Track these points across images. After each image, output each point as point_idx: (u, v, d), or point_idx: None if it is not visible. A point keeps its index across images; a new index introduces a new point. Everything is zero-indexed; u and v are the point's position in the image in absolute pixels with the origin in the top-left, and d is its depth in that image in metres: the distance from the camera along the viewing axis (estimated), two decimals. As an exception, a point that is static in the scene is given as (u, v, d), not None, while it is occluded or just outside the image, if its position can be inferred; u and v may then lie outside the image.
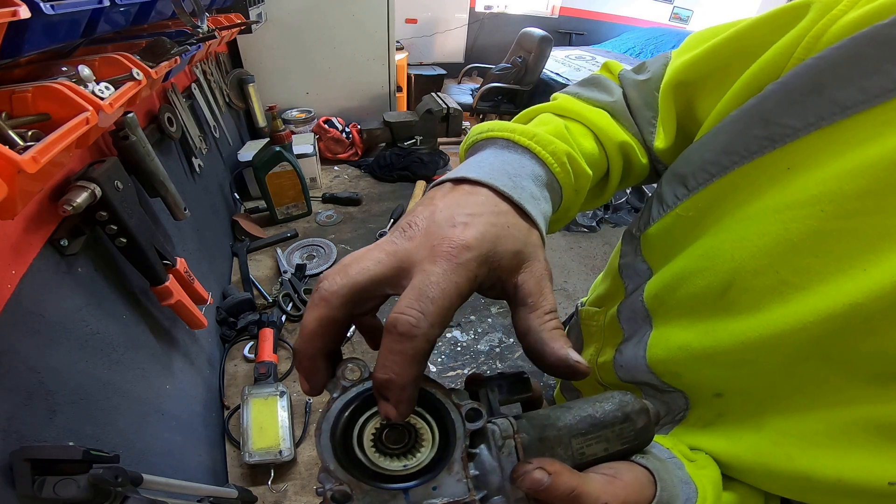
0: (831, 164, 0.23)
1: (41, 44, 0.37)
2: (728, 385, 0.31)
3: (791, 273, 0.25)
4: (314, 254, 1.05)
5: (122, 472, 0.34)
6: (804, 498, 0.27)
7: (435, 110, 1.44)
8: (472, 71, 3.95)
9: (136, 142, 0.52)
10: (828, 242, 0.23)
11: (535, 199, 0.28)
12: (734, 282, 0.28)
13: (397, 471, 0.22)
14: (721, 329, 0.29)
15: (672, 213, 0.35)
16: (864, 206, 0.22)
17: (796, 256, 0.24)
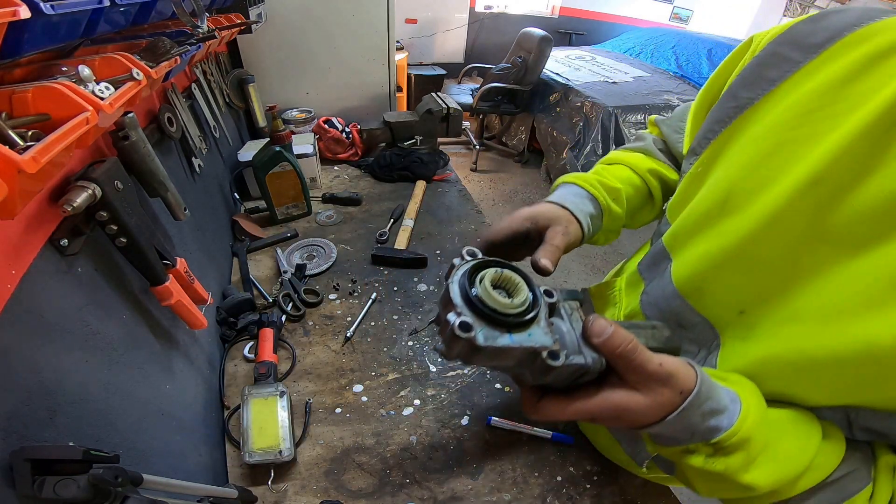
0: (772, 112, 0.39)
1: (41, 44, 0.37)
2: (744, 293, 0.40)
3: (765, 173, 0.38)
4: (314, 254, 1.05)
5: (122, 472, 0.34)
6: (839, 378, 0.33)
7: (435, 110, 1.44)
8: (472, 71, 3.95)
9: (136, 142, 0.52)
10: (780, 151, 0.37)
11: (575, 204, 0.51)
12: (730, 191, 0.40)
13: (504, 309, 0.29)
14: (727, 228, 0.40)
15: (687, 176, 0.48)
16: (792, 129, 0.37)
17: (764, 163, 0.38)
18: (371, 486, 0.62)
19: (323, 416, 0.71)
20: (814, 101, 0.36)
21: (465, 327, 0.28)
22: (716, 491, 0.38)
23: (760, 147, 0.39)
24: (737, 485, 0.35)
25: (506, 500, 0.61)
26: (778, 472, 0.35)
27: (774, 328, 0.37)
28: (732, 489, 0.36)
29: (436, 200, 1.30)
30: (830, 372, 0.33)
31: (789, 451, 0.35)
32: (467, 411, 0.72)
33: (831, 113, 0.34)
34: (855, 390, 0.33)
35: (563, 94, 3.06)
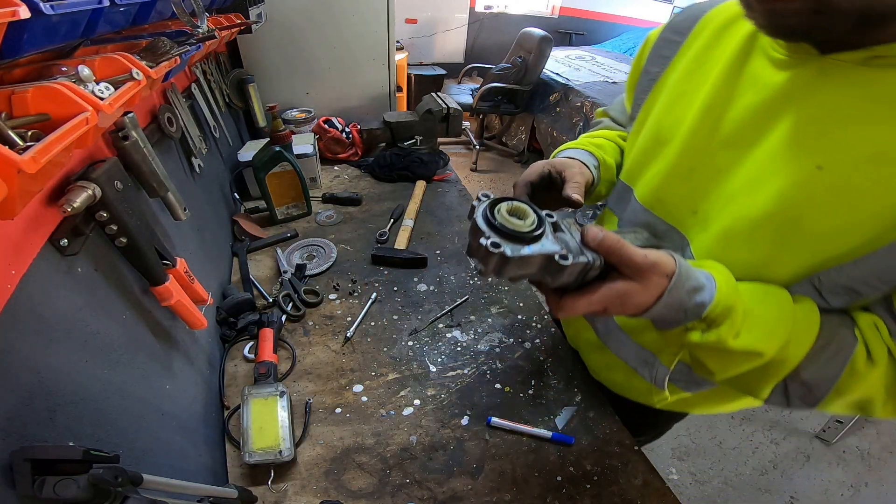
0: (672, 77, 0.58)
1: (41, 44, 0.37)
2: (690, 196, 0.52)
3: (677, 112, 0.55)
4: (314, 254, 1.05)
5: (122, 472, 0.34)
6: (773, 234, 0.44)
7: (435, 110, 1.44)
8: (472, 71, 3.95)
9: (135, 142, 0.52)
10: (681, 98, 0.55)
11: (580, 155, 0.64)
12: (658, 130, 0.57)
13: (520, 229, 0.38)
14: (663, 154, 0.55)
15: (631, 133, 0.65)
16: (685, 83, 0.56)
17: (674, 108, 0.56)
18: (371, 486, 0.62)
19: (323, 416, 0.71)
20: (693, 64, 0.56)
21: (495, 245, 0.36)
22: (727, 367, 0.45)
23: (670, 99, 0.57)
24: (736, 354, 0.43)
25: (506, 500, 0.61)
26: (765, 333, 0.42)
27: (719, 212, 0.49)
28: (738, 360, 0.44)
29: (436, 200, 1.30)
30: (764, 229, 0.44)
31: (768, 313, 0.43)
32: (467, 411, 0.72)
33: (704, 69, 0.53)
34: (789, 244, 0.43)
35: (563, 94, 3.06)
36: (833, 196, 0.40)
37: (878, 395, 0.43)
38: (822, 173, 0.40)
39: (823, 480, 1.54)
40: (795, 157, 0.42)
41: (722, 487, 1.50)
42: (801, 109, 0.42)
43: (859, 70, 0.39)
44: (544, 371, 0.79)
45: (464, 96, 3.49)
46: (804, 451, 1.63)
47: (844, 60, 0.39)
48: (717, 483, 1.51)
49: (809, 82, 0.42)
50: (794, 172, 0.42)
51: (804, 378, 0.44)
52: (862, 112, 0.39)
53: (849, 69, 0.39)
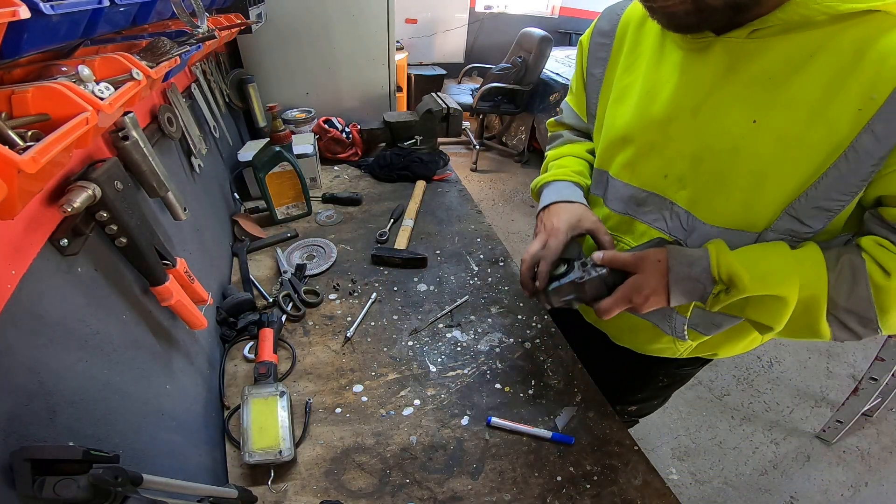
0: (611, 76, 0.69)
1: (41, 44, 0.37)
2: (655, 164, 0.62)
3: (625, 102, 0.65)
4: (314, 254, 1.05)
5: (122, 472, 0.34)
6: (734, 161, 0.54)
7: (435, 110, 1.44)
8: (472, 71, 3.95)
9: (135, 142, 0.52)
10: (624, 92, 0.66)
11: (577, 195, 0.73)
12: (614, 117, 0.68)
13: (554, 274, 0.64)
14: (625, 136, 0.65)
15: (595, 128, 0.76)
16: (624, 79, 0.66)
17: (620, 100, 0.66)
18: (371, 486, 0.62)
19: (323, 416, 0.71)
20: (626, 61, 0.65)
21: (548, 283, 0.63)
22: (773, 316, 0.53)
23: (616, 94, 0.67)
24: (767, 301, 0.52)
25: (506, 500, 0.61)
26: (778, 278, 0.50)
27: (685, 161, 0.58)
28: (772, 308, 0.52)
29: (436, 200, 1.30)
30: (730, 175, 0.54)
31: (772, 262, 0.52)
32: (467, 411, 0.72)
33: (636, 65, 0.64)
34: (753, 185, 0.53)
35: (563, 94, 3.06)
36: (774, 142, 0.50)
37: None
38: (758, 126, 0.50)
39: (823, 480, 1.54)
40: (735, 118, 0.52)
41: (722, 487, 1.50)
42: (724, 81, 0.52)
43: (749, 43, 0.49)
44: (544, 371, 0.79)
45: (464, 96, 3.49)
46: (804, 451, 1.63)
47: (735, 37, 0.50)
48: (717, 483, 1.51)
49: (720, 58, 0.52)
50: (739, 128, 0.52)
51: (844, 306, 0.50)
52: (765, 75, 0.49)
53: (742, 43, 0.50)
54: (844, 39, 0.45)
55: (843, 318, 0.51)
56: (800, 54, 0.47)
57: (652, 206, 0.65)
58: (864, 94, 0.44)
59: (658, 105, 0.59)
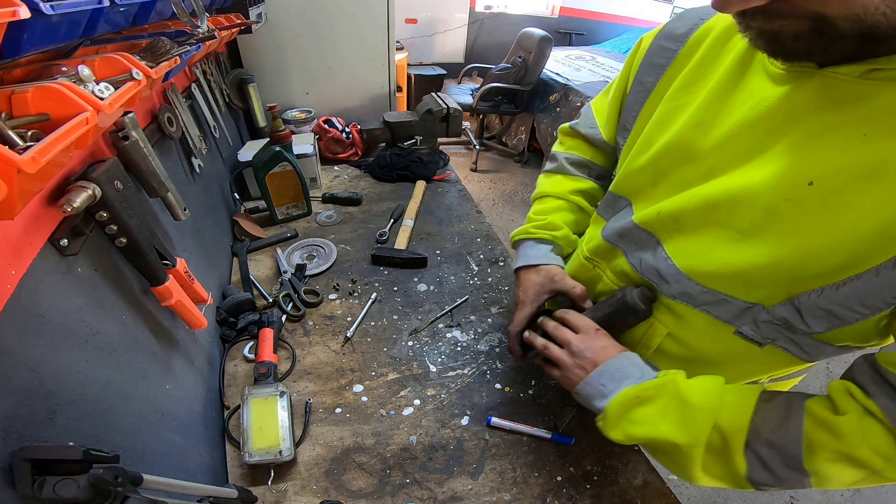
0: (666, 88, 0.57)
1: (41, 44, 0.37)
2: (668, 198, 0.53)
3: (664, 125, 0.55)
4: (314, 254, 1.05)
5: (122, 472, 0.34)
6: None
7: (435, 110, 1.44)
8: (472, 71, 3.95)
9: (135, 142, 0.52)
10: (670, 114, 0.55)
11: (542, 255, 0.71)
12: (651, 140, 0.57)
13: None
14: (659, 167, 0.55)
15: (626, 143, 0.64)
16: (677, 99, 0.54)
17: (663, 121, 0.55)
18: (371, 486, 0.62)
19: (323, 416, 0.71)
20: (690, 76, 0.54)
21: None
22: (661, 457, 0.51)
23: (659, 115, 0.57)
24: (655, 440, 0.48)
25: (506, 500, 0.61)
26: (699, 416, 0.47)
27: (695, 201, 0.49)
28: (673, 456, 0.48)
29: (436, 200, 1.30)
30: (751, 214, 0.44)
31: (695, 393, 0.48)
32: (467, 411, 0.72)
33: (701, 83, 0.52)
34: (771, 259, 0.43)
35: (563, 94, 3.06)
36: (822, 212, 0.39)
37: (863, 452, 0.40)
38: (812, 189, 0.39)
39: (823, 480, 1.54)
40: (788, 172, 0.41)
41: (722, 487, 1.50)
42: (798, 126, 0.41)
43: (858, 84, 0.37)
44: (544, 371, 0.79)
45: (464, 96, 3.49)
46: (804, 451, 1.63)
47: (843, 73, 0.38)
48: (717, 483, 1.51)
49: (809, 98, 0.40)
50: (785, 187, 0.41)
51: (768, 437, 0.44)
52: (859, 129, 0.37)
53: (848, 83, 0.38)
54: None
55: (762, 453, 0.44)
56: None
57: (634, 240, 0.57)
58: None
59: (708, 139, 0.48)
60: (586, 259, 0.67)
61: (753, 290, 0.45)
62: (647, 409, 0.49)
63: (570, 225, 0.75)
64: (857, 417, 0.40)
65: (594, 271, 0.66)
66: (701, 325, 0.52)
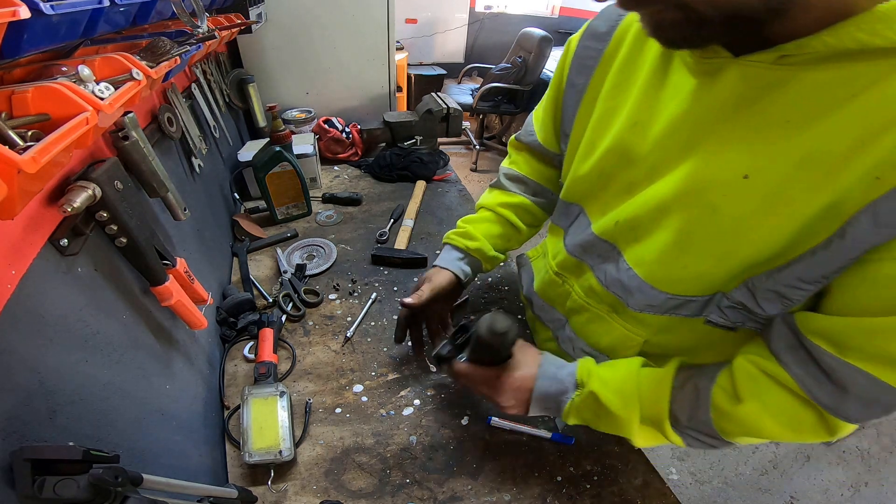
0: (598, 88, 0.56)
1: (41, 44, 0.37)
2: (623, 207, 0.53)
3: (603, 128, 0.55)
4: (314, 254, 1.05)
5: (122, 472, 0.34)
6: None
7: (435, 110, 1.44)
8: (472, 71, 3.95)
9: (135, 142, 0.52)
10: (607, 114, 0.54)
11: (450, 262, 0.77)
12: (593, 143, 0.57)
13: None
14: (605, 171, 0.55)
15: (569, 147, 0.63)
16: (611, 99, 0.54)
17: (601, 124, 0.55)
18: (371, 486, 0.62)
19: (323, 416, 0.71)
20: (617, 77, 0.53)
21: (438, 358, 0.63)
22: (612, 426, 0.54)
23: (597, 117, 0.56)
24: (609, 414, 0.52)
25: (506, 500, 0.61)
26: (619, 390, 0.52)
27: (647, 209, 0.49)
28: (615, 421, 0.52)
29: (436, 200, 1.30)
30: (696, 240, 0.45)
31: (620, 371, 0.54)
32: (467, 411, 0.72)
33: (628, 84, 0.52)
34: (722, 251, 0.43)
35: (563, 94, 3.06)
36: (761, 203, 0.39)
37: (767, 429, 0.45)
38: (748, 182, 0.40)
39: (823, 480, 1.54)
40: (725, 168, 0.41)
41: (722, 487, 1.50)
42: (725, 119, 0.41)
43: (773, 71, 0.37)
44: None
45: (464, 96, 3.49)
46: (804, 451, 1.63)
47: (758, 61, 0.37)
48: (717, 483, 1.51)
49: (731, 89, 0.40)
50: (720, 183, 0.41)
51: (687, 424, 0.49)
52: (781, 116, 0.37)
53: (764, 70, 0.37)
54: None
55: (689, 433, 0.49)
56: (839, 94, 0.34)
57: (598, 252, 0.57)
58: (893, 158, 0.33)
59: (645, 140, 0.48)
60: (555, 274, 0.67)
61: (711, 285, 0.46)
62: (583, 415, 0.55)
63: (492, 237, 0.78)
64: (756, 404, 0.44)
65: (564, 287, 0.65)
66: (672, 326, 0.53)
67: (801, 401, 0.42)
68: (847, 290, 0.38)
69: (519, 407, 0.58)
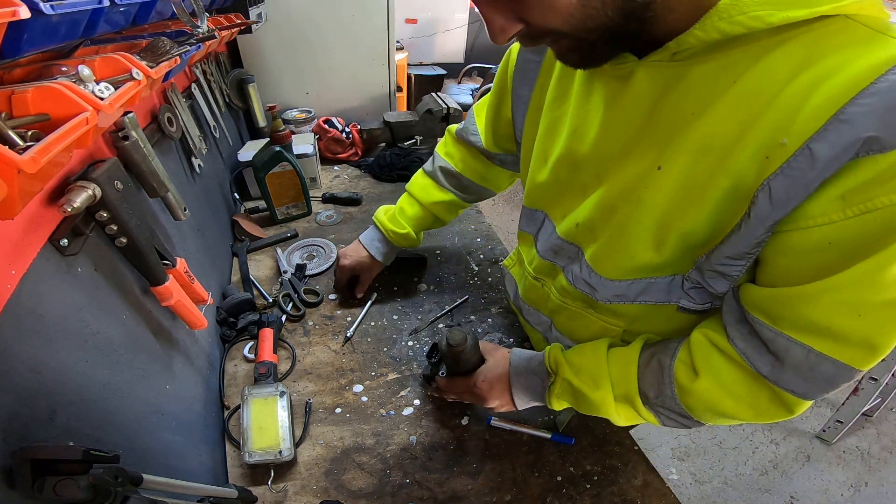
0: (541, 98, 0.58)
1: (41, 44, 0.37)
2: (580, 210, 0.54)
3: (552, 138, 0.57)
4: (314, 254, 1.05)
5: (122, 472, 0.34)
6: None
7: (435, 110, 1.44)
8: (472, 71, 3.95)
9: (135, 142, 0.52)
10: (554, 125, 0.56)
11: (373, 244, 0.90)
12: (545, 153, 0.59)
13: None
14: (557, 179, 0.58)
15: (522, 155, 0.67)
16: (555, 110, 0.56)
17: (549, 134, 0.58)
18: (371, 486, 0.62)
19: (323, 416, 0.71)
20: (558, 89, 0.55)
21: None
22: (590, 408, 0.56)
23: (545, 127, 0.58)
24: (585, 396, 0.55)
25: (506, 500, 0.61)
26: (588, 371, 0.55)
27: (598, 210, 0.51)
28: (591, 402, 0.54)
29: (436, 200, 1.30)
30: (630, 207, 0.46)
31: (587, 355, 0.56)
32: (467, 411, 0.72)
33: (567, 95, 0.54)
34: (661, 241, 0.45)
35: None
36: (675, 191, 0.42)
37: (726, 405, 0.46)
38: (662, 173, 0.42)
39: (823, 480, 1.54)
40: (642, 161, 0.44)
41: (722, 487, 1.50)
42: (639, 115, 0.44)
43: (672, 67, 0.39)
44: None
45: (464, 96, 3.49)
46: (804, 451, 1.63)
47: (657, 61, 0.40)
48: (717, 483, 1.51)
49: (643, 88, 0.42)
50: (641, 174, 0.44)
51: (654, 401, 0.51)
52: (688, 109, 0.39)
53: (665, 68, 0.40)
54: (778, 59, 0.34)
55: (660, 411, 0.51)
56: (723, 81, 0.37)
57: (566, 254, 0.59)
58: (776, 136, 0.34)
59: (585, 145, 0.50)
60: (534, 279, 0.69)
61: (664, 267, 0.48)
62: (564, 400, 0.58)
63: (417, 226, 0.87)
64: (711, 379, 0.46)
65: (543, 290, 0.67)
66: (645, 313, 0.54)
67: (751, 376, 0.44)
68: (769, 263, 0.40)
69: (507, 405, 0.62)
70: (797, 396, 0.42)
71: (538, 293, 0.68)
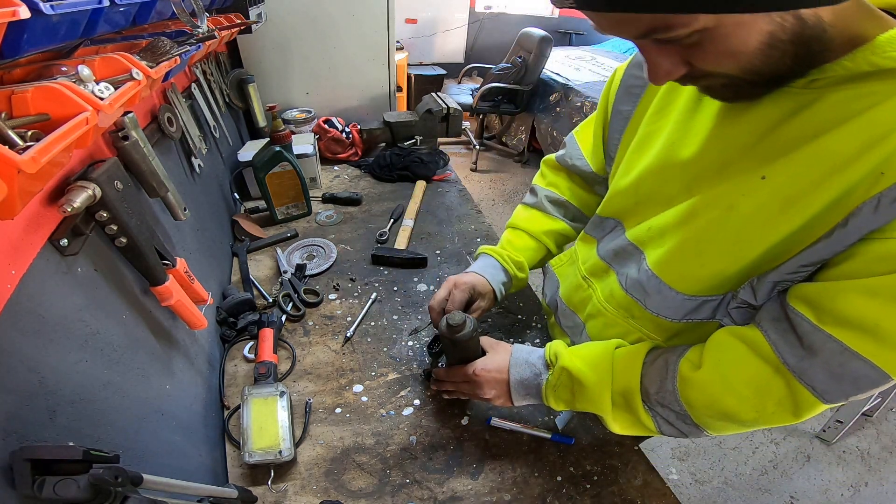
0: (642, 114, 0.59)
1: (41, 44, 0.37)
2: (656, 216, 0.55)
3: (644, 149, 0.58)
4: (314, 254, 1.05)
5: (122, 472, 0.34)
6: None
7: (435, 110, 1.44)
8: (472, 71, 3.95)
9: (135, 142, 0.52)
10: (649, 136, 0.57)
11: (493, 276, 0.76)
12: (630, 167, 0.60)
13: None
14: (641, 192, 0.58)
15: (613, 170, 0.66)
16: (652, 123, 0.57)
17: (643, 144, 0.58)
18: (371, 486, 0.62)
19: (323, 416, 0.71)
20: (660, 103, 0.56)
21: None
22: (587, 402, 0.57)
23: (637, 141, 0.59)
24: (584, 390, 0.56)
25: (506, 500, 0.61)
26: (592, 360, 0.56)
27: (677, 214, 0.51)
28: (590, 395, 0.56)
29: (436, 200, 1.30)
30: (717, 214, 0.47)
31: (591, 347, 0.58)
32: (467, 411, 0.72)
33: (668, 110, 0.55)
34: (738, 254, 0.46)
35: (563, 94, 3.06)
36: (773, 200, 0.42)
37: (725, 402, 0.47)
38: (765, 183, 0.43)
39: (823, 480, 1.54)
40: (738, 175, 0.45)
41: (722, 487, 1.50)
42: (756, 139, 0.44)
43: (803, 94, 0.41)
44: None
45: (464, 96, 3.49)
46: (804, 451, 1.63)
47: (791, 87, 0.41)
48: (717, 483, 1.51)
49: (762, 112, 0.44)
50: (740, 182, 0.45)
51: (654, 398, 0.51)
52: (806, 129, 0.41)
53: (796, 94, 0.41)
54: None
55: (659, 411, 0.52)
56: (855, 107, 0.38)
57: (626, 257, 0.59)
58: (883, 162, 0.36)
59: (681, 157, 0.51)
60: (582, 278, 0.69)
61: (725, 284, 0.48)
62: (560, 396, 0.58)
63: (529, 263, 0.81)
64: (713, 371, 0.47)
65: (587, 291, 0.67)
66: (686, 329, 0.55)
67: (769, 369, 0.44)
68: (837, 265, 0.41)
69: (503, 397, 0.63)
70: (815, 395, 0.42)
71: (581, 294, 0.68)
